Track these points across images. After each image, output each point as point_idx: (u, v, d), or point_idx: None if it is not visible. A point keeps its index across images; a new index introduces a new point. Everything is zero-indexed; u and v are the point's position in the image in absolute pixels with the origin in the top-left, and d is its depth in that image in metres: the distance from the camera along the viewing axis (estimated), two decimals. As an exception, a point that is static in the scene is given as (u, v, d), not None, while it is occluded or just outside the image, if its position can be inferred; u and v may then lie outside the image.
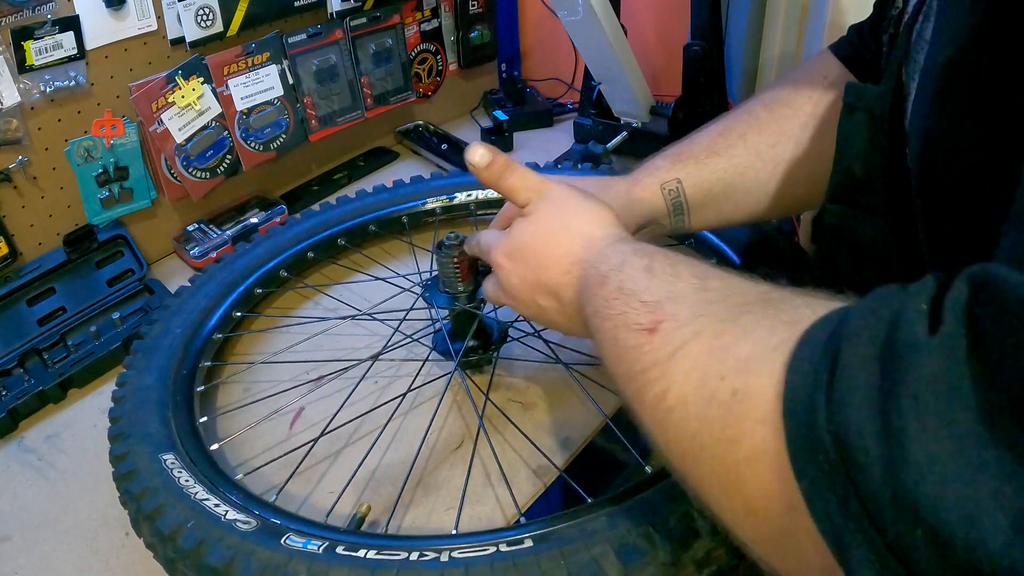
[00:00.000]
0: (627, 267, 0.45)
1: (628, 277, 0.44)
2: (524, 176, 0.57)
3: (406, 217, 0.92)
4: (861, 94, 0.52)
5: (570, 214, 0.54)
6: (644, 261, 0.44)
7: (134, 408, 0.63)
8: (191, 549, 0.49)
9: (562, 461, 0.64)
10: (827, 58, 0.67)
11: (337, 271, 0.89)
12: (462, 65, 1.24)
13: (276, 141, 1.01)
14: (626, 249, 0.47)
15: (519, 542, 0.48)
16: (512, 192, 0.57)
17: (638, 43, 1.11)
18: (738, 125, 0.67)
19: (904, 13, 0.50)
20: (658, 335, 0.38)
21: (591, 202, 0.55)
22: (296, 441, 0.67)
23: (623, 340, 0.41)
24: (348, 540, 0.49)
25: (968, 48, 0.37)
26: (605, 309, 0.44)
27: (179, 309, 0.76)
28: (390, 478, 0.63)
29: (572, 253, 0.51)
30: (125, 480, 0.56)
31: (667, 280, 0.42)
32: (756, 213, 0.68)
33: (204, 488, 0.54)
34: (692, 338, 0.36)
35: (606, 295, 0.44)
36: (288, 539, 0.49)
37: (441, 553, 0.47)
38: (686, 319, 0.38)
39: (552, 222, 0.54)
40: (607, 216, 0.53)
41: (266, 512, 0.53)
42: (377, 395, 0.72)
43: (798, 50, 0.97)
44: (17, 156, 0.81)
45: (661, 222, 0.67)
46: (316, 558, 0.47)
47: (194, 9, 0.90)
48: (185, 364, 0.70)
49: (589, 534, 0.47)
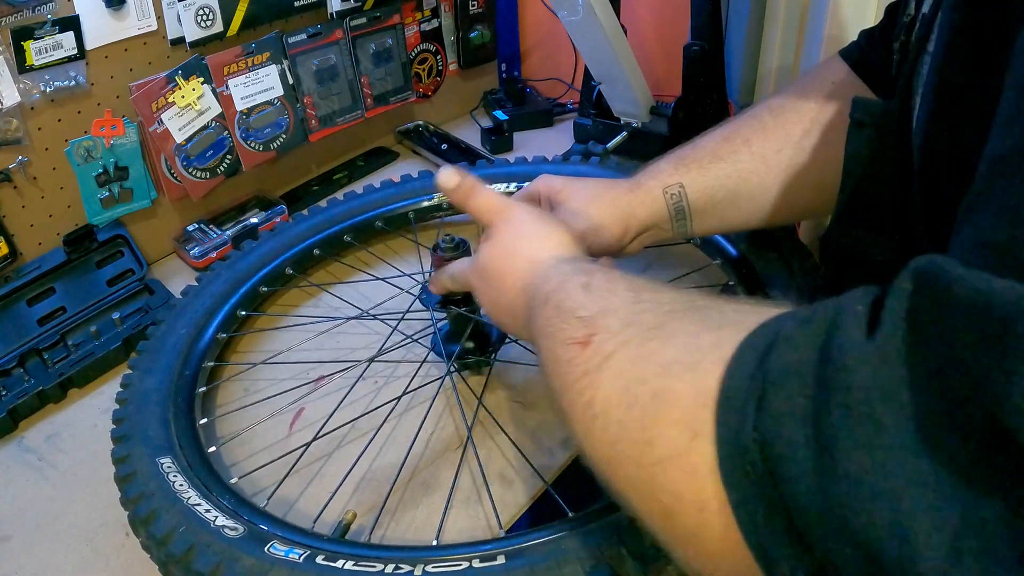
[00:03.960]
0: (566, 286, 0.45)
1: (566, 296, 0.44)
2: (488, 199, 0.59)
3: (412, 213, 0.92)
4: (869, 110, 0.51)
5: (521, 239, 0.55)
6: (582, 279, 0.45)
7: (136, 410, 0.64)
8: (181, 554, 0.51)
9: (558, 462, 0.64)
10: (836, 63, 0.66)
11: (342, 269, 0.90)
12: (462, 65, 1.24)
13: (276, 141, 1.01)
14: (566, 269, 0.48)
15: (492, 558, 0.49)
16: (477, 213, 0.59)
17: (638, 43, 1.11)
18: (743, 130, 0.66)
19: (915, 22, 0.49)
20: (590, 347, 0.38)
21: (545, 225, 0.55)
22: (293, 442, 0.67)
23: (559, 354, 0.41)
24: (328, 550, 0.51)
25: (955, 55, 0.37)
26: (546, 327, 0.44)
27: (185, 308, 0.76)
28: (381, 482, 0.63)
29: (521, 278, 0.52)
30: (124, 482, 0.58)
31: (602, 295, 0.42)
32: (760, 219, 0.67)
33: (197, 493, 0.55)
34: (620, 347, 0.37)
35: (547, 314, 0.45)
36: (272, 547, 0.51)
37: (415, 567, 0.49)
38: (617, 330, 0.38)
39: (506, 247, 0.56)
40: (558, 238, 0.54)
41: (255, 518, 0.55)
42: (375, 396, 0.72)
43: (798, 52, 0.97)
44: (17, 156, 0.81)
45: (663, 227, 0.67)
46: (296, 567, 0.49)
47: (194, 9, 0.90)
48: (188, 365, 0.70)
49: (561, 552, 0.48)
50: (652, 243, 0.70)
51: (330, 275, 0.90)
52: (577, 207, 0.66)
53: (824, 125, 0.63)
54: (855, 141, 0.53)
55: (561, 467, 0.64)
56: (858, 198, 0.54)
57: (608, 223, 0.65)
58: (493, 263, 0.56)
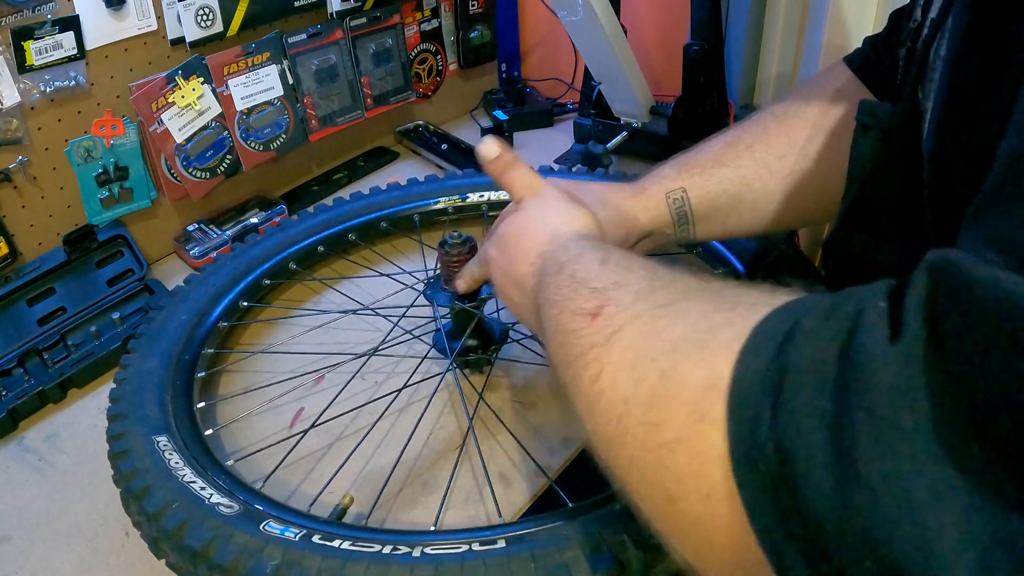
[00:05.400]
0: (583, 258, 0.45)
1: (581, 267, 0.44)
2: (525, 175, 0.59)
3: (418, 215, 0.92)
4: (875, 113, 0.50)
5: (549, 211, 0.55)
6: (600, 255, 0.44)
7: (133, 390, 0.64)
8: (173, 529, 0.50)
9: (560, 461, 0.64)
10: (840, 69, 0.66)
11: (345, 266, 0.90)
12: (462, 65, 1.24)
13: (276, 141, 1.01)
14: (586, 244, 0.48)
15: (492, 542, 0.48)
16: (511, 188, 0.59)
17: (638, 43, 1.11)
18: (746, 136, 0.66)
19: (922, 27, 0.49)
20: (599, 319, 0.38)
21: (574, 204, 0.56)
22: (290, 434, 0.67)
23: (566, 324, 0.40)
24: (325, 530, 0.50)
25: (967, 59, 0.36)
26: (554, 295, 0.44)
27: (187, 295, 0.77)
28: (379, 473, 0.63)
29: (539, 245, 0.52)
30: (118, 459, 0.57)
31: (618, 271, 0.42)
32: (762, 225, 0.67)
33: (192, 471, 0.55)
34: (630, 321, 0.36)
35: (559, 283, 0.44)
36: (267, 525, 0.50)
37: (414, 548, 0.48)
38: (628, 304, 0.37)
39: (531, 217, 0.56)
40: (584, 218, 0.54)
41: (250, 498, 0.54)
42: (375, 390, 0.72)
43: (798, 51, 0.98)
44: (17, 156, 0.81)
45: (665, 231, 0.67)
46: (292, 545, 0.48)
47: (194, 9, 0.90)
48: (188, 350, 0.70)
49: (562, 539, 0.48)
50: (653, 248, 0.69)
51: (334, 271, 0.90)
52: None
53: (828, 131, 0.63)
54: (860, 144, 0.52)
55: (563, 465, 0.64)
56: (862, 202, 0.53)
57: (611, 227, 0.64)
58: (514, 230, 0.56)
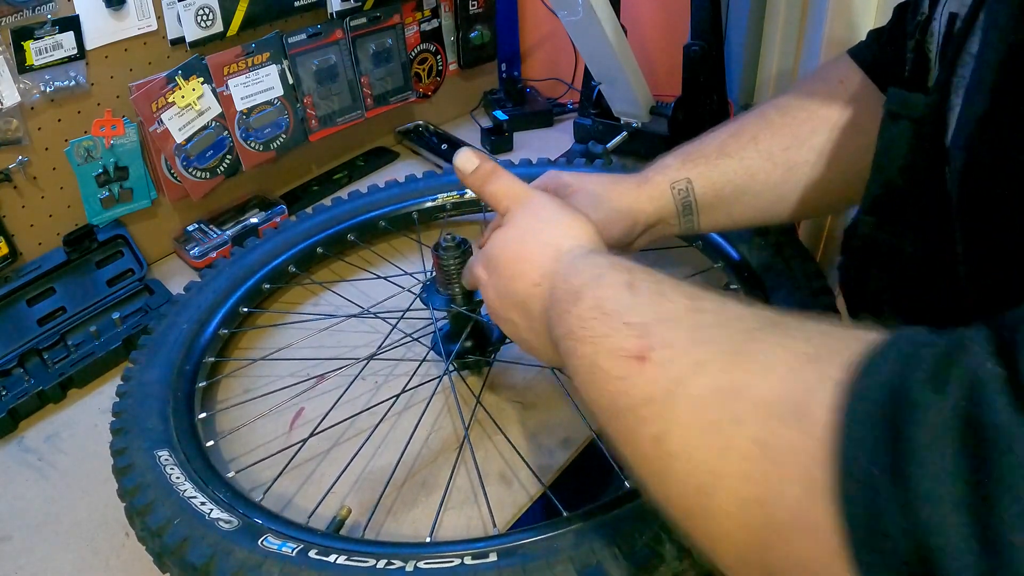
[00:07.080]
0: (605, 282, 0.41)
1: (607, 295, 0.39)
2: (508, 184, 0.55)
3: (416, 213, 0.92)
4: (907, 102, 0.49)
5: (542, 223, 0.51)
6: (624, 277, 0.40)
7: (136, 403, 0.64)
8: (175, 546, 0.51)
9: (556, 465, 0.64)
10: (844, 62, 0.65)
11: (344, 268, 0.90)
12: (462, 65, 1.24)
13: (276, 141, 1.01)
14: (601, 262, 0.44)
15: (484, 555, 0.49)
16: (494, 199, 0.56)
17: (638, 43, 1.11)
18: (750, 127, 0.66)
19: (931, 20, 0.48)
20: (649, 365, 0.34)
21: (567, 212, 0.52)
22: (291, 439, 0.67)
23: (606, 368, 0.36)
24: (321, 544, 0.51)
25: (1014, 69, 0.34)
26: (580, 330, 0.39)
27: (187, 303, 0.77)
28: (377, 480, 0.63)
29: (541, 264, 0.48)
30: (122, 474, 0.58)
31: (653, 299, 0.37)
32: (767, 216, 0.67)
33: (193, 486, 0.56)
34: (693, 371, 0.32)
35: (581, 313, 0.40)
36: (265, 540, 0.51)
37: (407, 563, 0.49)
38: (683, 347, 0.33)
39: (523, 231, 0.52)
40: (582, 228, 0.50)
41: (250, 511, 0.55)
42: (374, 394, 0.72)
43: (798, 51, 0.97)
44: (17, 156, 0.81)
45: (669, 222, 0.67)
46: (289, 560, 0.49)
47: (194, 9, 0.90)
48: (189, 360, 0.70)
49: (554, 551, 0.48)
50: (657, 239, 0.69)
51: (333, 273, 0.90)
52: (584, 202, 0.65)
53: (832, 124, 0.63)
54: (888, 133, 0.50)
55: (560, 468, 0.64)
56: (890, 190, 0.51)
57: (615, 218, 0.64)
58: (505, 249, 0.52)
